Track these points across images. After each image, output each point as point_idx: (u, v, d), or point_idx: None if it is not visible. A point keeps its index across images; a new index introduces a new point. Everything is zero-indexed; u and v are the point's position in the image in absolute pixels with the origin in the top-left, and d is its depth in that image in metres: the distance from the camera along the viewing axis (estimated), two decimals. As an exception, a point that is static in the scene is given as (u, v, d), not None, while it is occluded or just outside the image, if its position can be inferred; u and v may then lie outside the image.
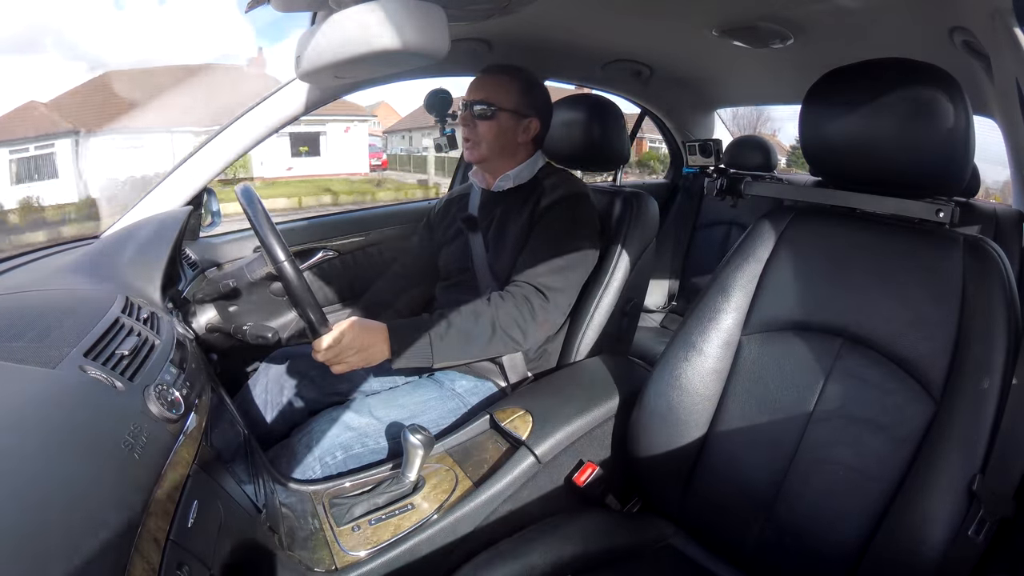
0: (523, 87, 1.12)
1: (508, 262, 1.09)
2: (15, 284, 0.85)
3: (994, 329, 0.68)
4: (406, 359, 0.93)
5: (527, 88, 1.13)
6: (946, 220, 0.76)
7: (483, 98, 1.10)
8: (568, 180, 1.14)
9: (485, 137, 1.11)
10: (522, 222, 1.09)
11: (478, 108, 1.10)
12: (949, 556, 0.64)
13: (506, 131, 1.11)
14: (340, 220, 1.61)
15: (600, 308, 1.16)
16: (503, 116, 1.10)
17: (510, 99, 1.11)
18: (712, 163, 2.13)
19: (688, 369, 0.87)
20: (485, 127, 1.10)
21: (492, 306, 0.98)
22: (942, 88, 0.71)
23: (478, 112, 1.11)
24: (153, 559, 0.43)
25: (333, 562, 0.73)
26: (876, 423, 0.73)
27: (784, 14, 1.26)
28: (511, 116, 1.11)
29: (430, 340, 0.94)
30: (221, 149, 1.16)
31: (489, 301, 0.99)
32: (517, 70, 1.14)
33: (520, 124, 1.13)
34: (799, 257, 0.85)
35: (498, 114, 1.10)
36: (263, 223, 0.93)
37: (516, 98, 1.11)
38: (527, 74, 1.15)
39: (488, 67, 1.15)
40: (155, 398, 0.56)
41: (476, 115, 1.11)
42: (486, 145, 1.12)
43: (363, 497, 0.82)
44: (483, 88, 1.11)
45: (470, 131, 1.12)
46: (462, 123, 1.13)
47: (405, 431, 0.80)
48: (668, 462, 0.88)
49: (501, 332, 0.97)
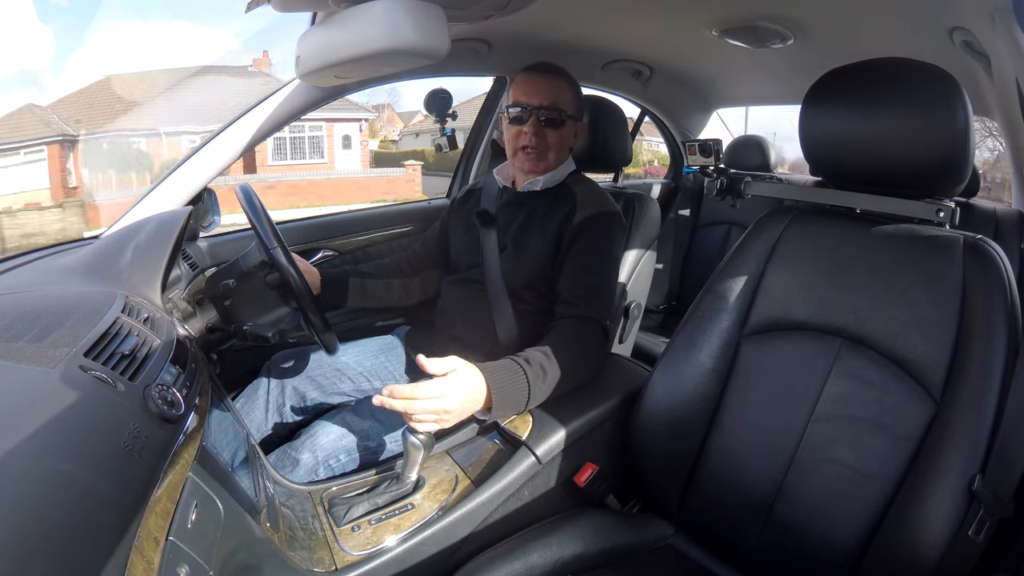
0: (576, 90, 1.09)
1: (526, 269, 1.06)
2: (15, 284, 0.85)
3: (994, 329, 0.67)
4: (498, 413, 0.86)
5: (578, 91, 1.10)
6: (946, 220, 0.76)
7: (552, 103, 1.04)
8: (599, 195, 1.09)
9: (553, 146, 1.06)
10: (549, 234, 1.05)
11: (548, 114, 1.03)
12: (949, 556, 0.64)
13: (568, 138, 1.08)
14: (340, 220, 1.61)
15: (601, 308, 1.16)
16: (568, 123, 1.06)
17: (571, 104, 1.07)
18: (712, 163, 2.13)
19: (688, 369, 0.87)
20: (555, 135, 1.05)
21: (570, 348, 0.93)
22: (942, 88, 0.71)
23: (548, 119, 1.04)
24: (153, 559, 0.43)
25: (333, 562, 0.73)
26: (876, 423, 0.73)
27: (784, 14, 1.27)
28: (572, 122, 1.08)
29: (528, 395, 0.86)
30: (221, 149, 1.16)
31: (567, 341, 0.94)
32: (565, 70, 1.10)
33: (574, 129, 1.10)
34: (799, 257, 0.85)
35: (566, 121, 1.06)
36: (260, 217, 0.93)
37: (574, 102, 1.07)
38: (570, 74, 1.11)
39: (540, 67, 1.09)
40: (155, 398, 0.56)
41: (545, 122, 1.04)
42: (554, 154, 1.06)
43: (363, 497, 0.82)
44: (548, 91, 1.05)
45: (538, 140, 1.04)
46: (530, 130, 1.04)
47: (405, 431, 0.79)
48: (668, 462, 0.88)
49: (579, 373, 0.94)
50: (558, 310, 1.01)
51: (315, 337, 1.00)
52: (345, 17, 0.63)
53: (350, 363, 1.16)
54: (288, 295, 0.98)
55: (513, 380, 0.85)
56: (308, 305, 0.96)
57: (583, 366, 0.96)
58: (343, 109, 15.05)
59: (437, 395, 0.77)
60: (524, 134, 1.05)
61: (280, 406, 1.09)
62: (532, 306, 1.08)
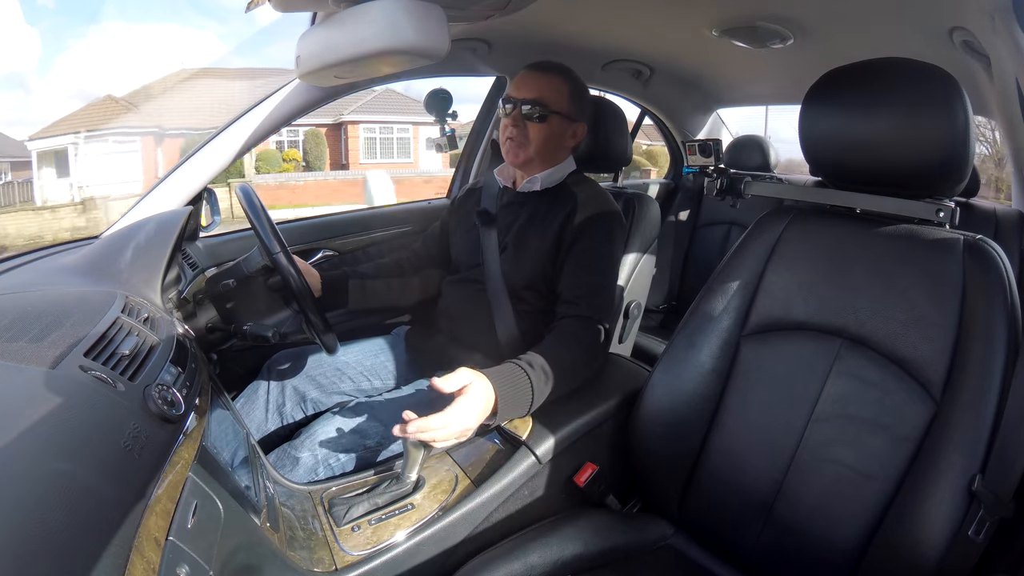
0: (574, 89, 1.07)
1: (526, 269, 1.06)
2: (15, 284, 0.85)
3: (994, 329, 0.67)
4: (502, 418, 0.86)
5: (579, 91, 1.08)
6: (946, 220, 0.76)
7: (536, 98, 1.04)
8: (600, 195, 1.09)
9: (534, 140, 1.05)
10: (550, 234, 1.05)
11: (529, 108, 1.04)
12: (949, 556, 0.64)
13: (555, 135, 1.07)
14: (340, 220, 1.61)
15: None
16: (554, 119, 1.05)
17: (563, 101, 1.05)
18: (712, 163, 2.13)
19: (688, 369, 0.87)
20: (535, 129, 1.05)
21: (571, 349, 0.94)
22: (942, 88, 0.71)
23: (529, 112, 1.04)
24: (153, 559, 0.43)
25: (333, 562, 0.73)
26: (876, 423, 0.73)
27: (784, 14, 1.27)
28: (562, 120, 1.06)
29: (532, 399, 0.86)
30: (221, 149, 1.16)
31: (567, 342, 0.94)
32: (568, 70, 1.09)
33: (569, 129, 1.08)
34: (799, 257, 0.85)
35: (550, 117, 1.05)
36: (261, 219, 0.94)
37: (567, 101, 1.06)
38: (577, 76, 1.09)
39: (539, 63, 1.09)
40: (155, 398, 0.56)
41: (526, 115, 1.04)
42: (534, 148, 1.06)
43: (363, 497, 0.82)
44: (535, 86, 1.04)
45: (518, 132, 1.05)
46: (511, 122, 1.05)
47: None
48: (668, 462, 0.88)
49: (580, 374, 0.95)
50: (559, 310, 1.01)
51: (316, 338, 1.00)
52: (345, 17, 0.63)
53: (350, 363, 1.16)
54: (290, 298, 0.98)
55: (517, 384, 0.85)
56: (310, 308, 0.96)
57: (584, 367, 0.96)
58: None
59: (457, 420, 0.78)
60: (507, 126, 1.07)
61: (280, 406, 1.09)
62: (532, 306, 1.08)
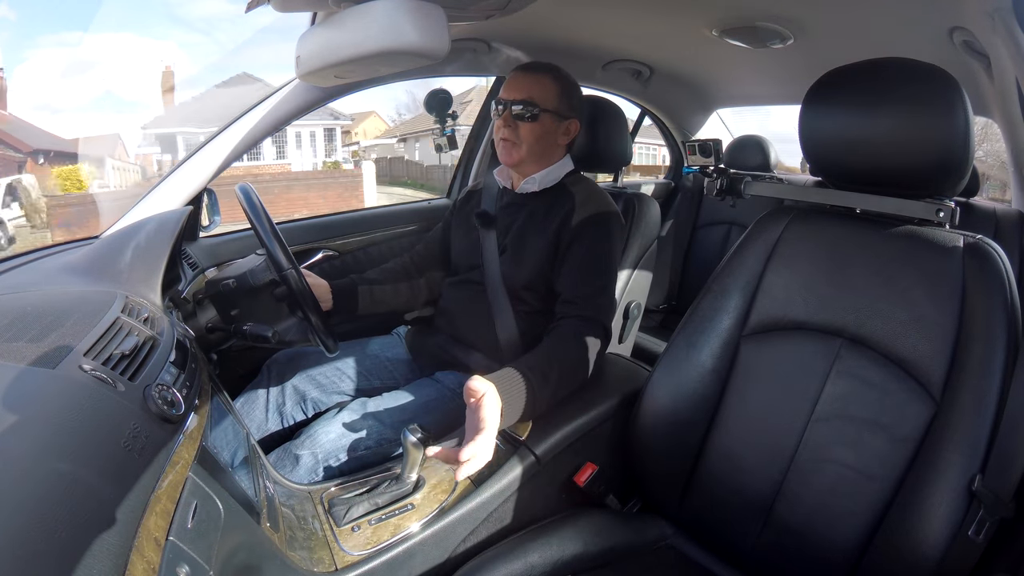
0: (564, 87, 1.08)
1: (526, 270, 1.06)
2: (15, 284, 0.85)
3: (994, 329, 0.67)
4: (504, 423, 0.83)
5: (568, 88, 1.09)
6: (946, 220, 0.76)
7: (525, 97, 1.05)
8: (598, 195, 1.09)
9: (526, 139, 1.06)
10: (548, 234, 1.05)
11: (519, 108, 1.05)
12: (949, 556, 0.64)
13: (547, 133, 1.07)
14: (340, 220, 1.61)
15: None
16: (545, 117, 1.06)
17: (552, 99, 1.06)
18: (712, 163, 2.13)
19: (688, 369, 0.87)
20: (527, 129, 1.06)
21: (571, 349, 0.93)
22: (942, 88, 0.71)
23: (519, 113, 1.05)
24: (153, 559, 0.43)
25: (333, 562, 0.73)
26: (876, 423, 0.73)
27: (784, 14, 1.27)
28: (553, 118, 1.07)
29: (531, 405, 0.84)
30: (221, 149, 1.16)
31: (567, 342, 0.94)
32: (557, 69, 1.10)
33: (560, 126, 1.09)
34: (799, 257, 0.85)
35: (541, 115, 1.05)
36: (265, 227, 0.93)
37: (558, 99, 1.07)
38: (566, 73, 1.10)
39: (527, 64, 1.11)
40: (155, 398, 0.56)
41: (517, 116, 1.05)
42: (527, 147, 1.07)
43: (363, 497, 0.82)
44: (524, 87, 1.06)
45: (510, 132, 1.06)
46: (502, 123, 1.07)
47: (405, 431, 0.79)
48: (668, 462, 0.88)
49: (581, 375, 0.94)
50: (558, 310, 1.01)
51: (318, 342, 1.00)
52: (345, 17, 0.63)
53: (350, 362, 1.16)
54: (295, 306, 0.98)
55: (516, 391, 0.83)
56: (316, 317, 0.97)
57: (584, 367, 0.95)
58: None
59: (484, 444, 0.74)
60: (500, 127, 1.08)
61: (280, 406, 1.09)
62: (532, 307, 1.08)
